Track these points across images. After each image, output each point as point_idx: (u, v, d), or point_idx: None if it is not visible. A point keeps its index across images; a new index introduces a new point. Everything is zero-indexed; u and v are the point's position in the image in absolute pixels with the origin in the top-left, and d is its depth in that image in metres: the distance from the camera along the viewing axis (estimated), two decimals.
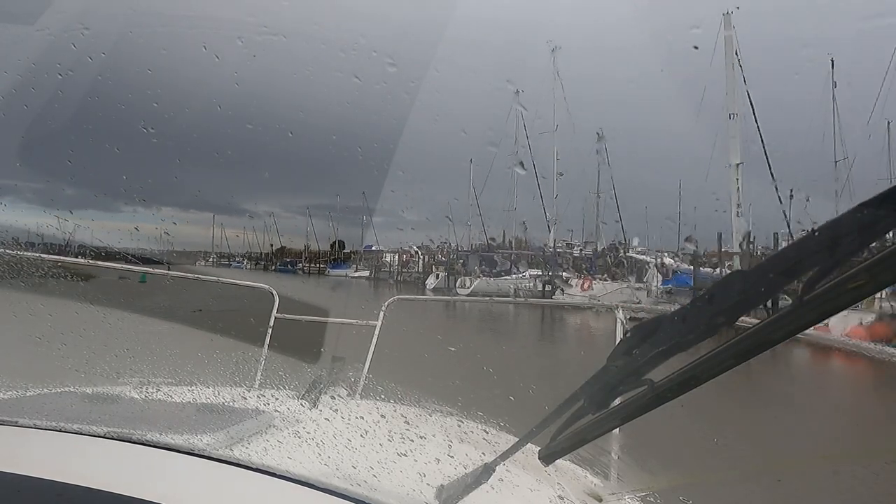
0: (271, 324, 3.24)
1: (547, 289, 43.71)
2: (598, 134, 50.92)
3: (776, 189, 31.30)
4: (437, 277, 51.06)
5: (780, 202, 31.19)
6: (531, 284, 45.71)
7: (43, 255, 3.02)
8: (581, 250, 53.39)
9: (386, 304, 3.35)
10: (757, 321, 0.88)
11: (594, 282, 41.23)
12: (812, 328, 0.85)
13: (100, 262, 3.85)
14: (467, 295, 38.74)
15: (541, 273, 48.17)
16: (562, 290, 41.63)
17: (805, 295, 0.81)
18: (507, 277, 48.70)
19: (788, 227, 30.50)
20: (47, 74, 3.62)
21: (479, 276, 48.60)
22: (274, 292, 3.35)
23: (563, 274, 46.62)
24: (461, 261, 54.53)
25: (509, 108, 47.91)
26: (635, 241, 49.37)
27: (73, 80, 3.73)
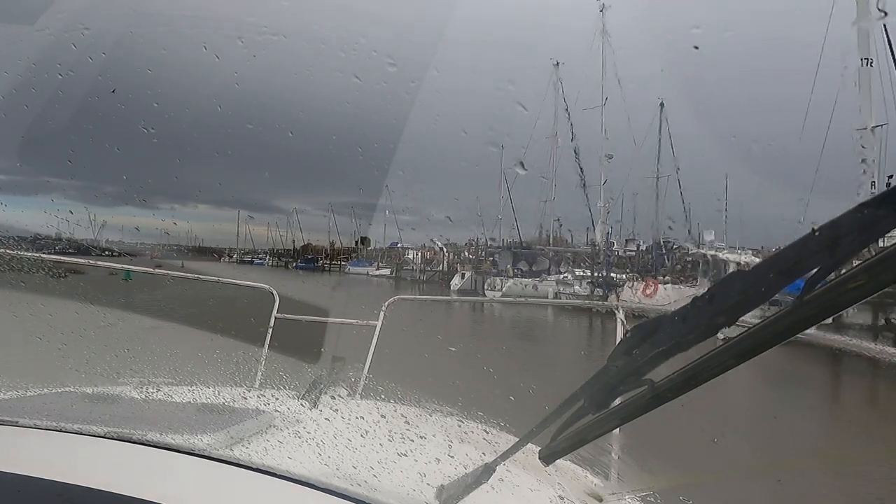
0: (271, 324, 3.23)
1: (596, 292, 36.15)
2: (660, 104, 43.40)
3: None
4: (464, 277, 44.91)
5: None
6: (576, 288, 38.13)
7: (43, 255, 3.02)
8: (641, 249, 44.89)
9: (386, 303, 3.35)
10: (757, 321, 0.88)
11: (659, 285, 32.30)
12: (812, 328, 0.85)
13: (100, 262, 3.85)
14: (501, 297, 33.77)
15: (586, 274, 40.41)
16: (616, 294, 33.28)
17: (805, 295, 0.81)
18: (546, 278, 41.41)
19: None
20: (47, 74, 3.62)
21: (512, 277, 41.68)
22: (274, 292, 3.35)
23: (615, 275, 38.79)
24: (490, 259, 47.42)
25: (546, 84, 42.21)
26: (709, 236, 39.19)
27: (74, 79, 3.73)
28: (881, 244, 0.77)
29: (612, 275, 38.75)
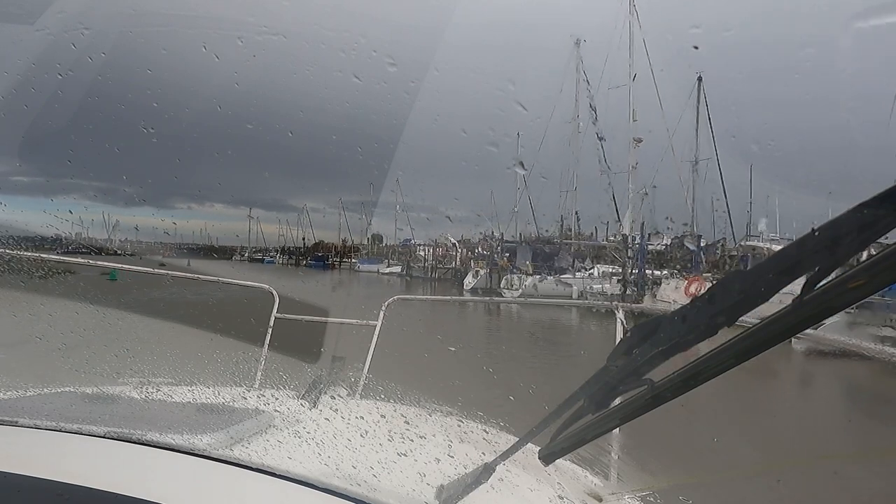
0: (271, 324, 3.23)
1: (629, 291, 31.87)
2: (697, 78, 37.76)
3: None
4: (477, 275, 40.84)
5: None
6: (604, 285, 33.54)
7: (43, 255, 3.02)
8: (674, 241, 39.25)
9: (386, 303, 3.35)
10: (757, 321, 0.88)
11: (705, 282, 25.57)
12: (812, 328, 0.85)
13: (99, 262, 3.85)
14: (518, 297, 30.43)
15: (615, 271, 35.71)
16: (653, 293, 29.15)
17: (805, 295, 0.81)
18: (570, 276, 36.73)
19: None
20: (47, 74, 3.62)
21: (531, 274, 37.23)
22: (274, 292, 3.35)
23: (649, 272, 34.25)
24: (507, 255, 42.69)
25: (566, 63, 37.63)
26: (761, 225, 34.01)
27: (74, 79, 3.73)
28: (881, 244, 0.77)
29: (648, 272, 34.28)
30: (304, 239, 71.25)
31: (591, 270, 37.44)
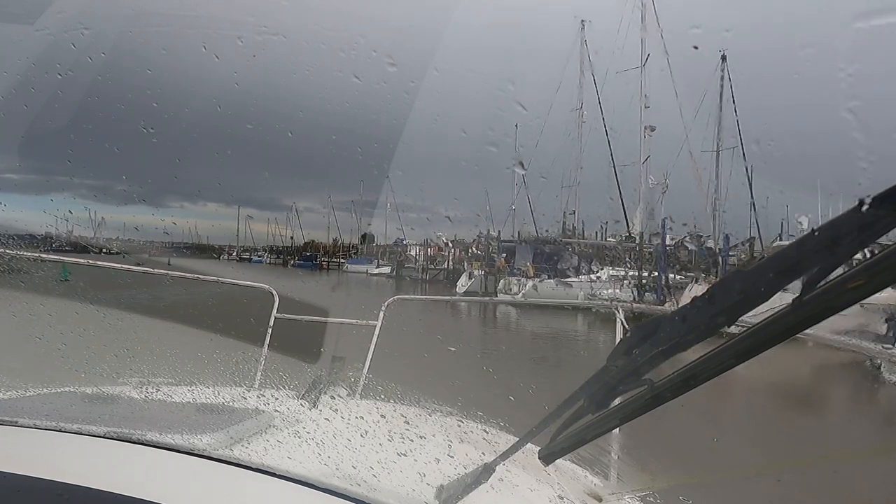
0: (271, 324, 3.24)
1: (647, 297, 28.45)
2: (721, 57, 33.87)
3: None
4: (471, 277, 37.86)
5: None
6: (616, 290, 29.88)
7: (42, 255, 3.02)
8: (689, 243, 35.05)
9: (386, 303, 3.35)
10: (757, 321, 0.88)
11: None
12: (812, 328, 0.85)
13: (99, 262, 3.84)
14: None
15: (626, 274, 32.43)
16: (674, 300, 25.45)
17: (805, 295, 0.81)
18: (577, 279, 33.16)
19: None
20: (47, 74, 3.62)
21: (532, 277, 33.74)
22: (274, 292, 3.36)
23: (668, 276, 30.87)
24: (504, 255, 38.61)
25: (570, 49, 34.17)
26: (803, 222, 29.18)
27: (74, 79, 3.74)
28: (881, 244, 0.77)
29: (663, 275, 31.15)
30: (292, 238, 71.31)
31: (600, 273, 33.98)
